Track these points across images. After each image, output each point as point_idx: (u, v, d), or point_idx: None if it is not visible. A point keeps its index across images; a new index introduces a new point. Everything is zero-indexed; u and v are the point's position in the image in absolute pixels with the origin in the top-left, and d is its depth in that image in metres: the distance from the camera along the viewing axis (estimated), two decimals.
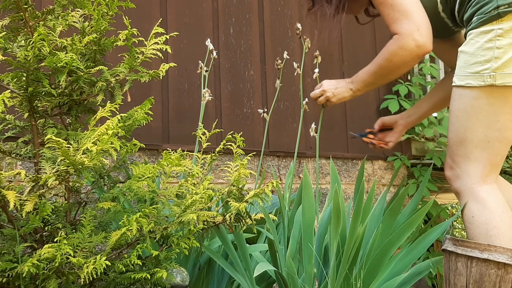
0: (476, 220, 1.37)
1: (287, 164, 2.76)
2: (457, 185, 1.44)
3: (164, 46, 1.41)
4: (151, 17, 2.42)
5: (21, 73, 1.26)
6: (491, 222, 1.35)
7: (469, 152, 1.40)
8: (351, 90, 1.63)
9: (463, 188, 1.42)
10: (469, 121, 1.39)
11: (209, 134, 1.75)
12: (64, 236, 1.08)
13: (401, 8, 1.43)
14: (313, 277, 1.51)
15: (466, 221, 1.39)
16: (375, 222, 1.63)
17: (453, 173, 1.45)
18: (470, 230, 1.39)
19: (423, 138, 3.18)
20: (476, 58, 1.36)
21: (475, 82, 1.36)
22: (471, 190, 1.39)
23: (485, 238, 1.34)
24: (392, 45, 1.46)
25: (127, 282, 1.31)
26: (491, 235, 1.34)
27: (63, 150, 1.08)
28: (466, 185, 1.41)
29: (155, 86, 2.40)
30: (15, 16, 1.33)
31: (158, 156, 2.37)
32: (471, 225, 1.38)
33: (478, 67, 1.36)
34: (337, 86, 1.66)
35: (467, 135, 1.39)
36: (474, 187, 1.39)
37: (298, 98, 2.80)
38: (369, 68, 1.58)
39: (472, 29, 1.39)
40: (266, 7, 2.80)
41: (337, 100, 1.67)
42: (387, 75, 1.54)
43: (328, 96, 1.67)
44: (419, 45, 1.42)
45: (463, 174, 1.41)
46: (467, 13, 1.43)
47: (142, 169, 1.34)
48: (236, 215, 1.37)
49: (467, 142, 1.40)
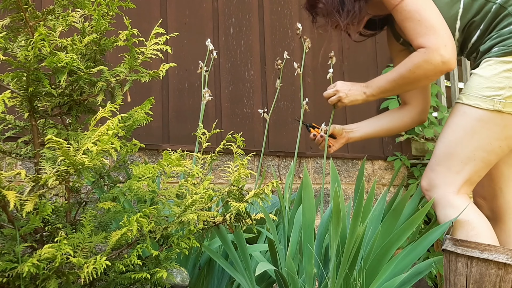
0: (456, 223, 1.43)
1: (287, 164, 2.76)
2: (431, 194, 1.51)
3: (164, 46, 1.41)
4: (151, 17, 2.42)
5: (21, 73, 1.26)
6: (469, 224, 1.42)
7: (453, 165, 1.47)
8: (364, 94, 1.64)
9: (438, 197, 1.48)
10: (464, 137, 1.47)
11: (209, 134, 1.75)
12: (64, 236, 1.08)
13: (428, 23, 1.46)
14: (313, 277, 1.51)
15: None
16: (375, 222, 1.63)
17: (430, 183, 1.52)
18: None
19: (423, 138, 3.18)
20: (491, 83, 1.44)
21: (484, 104, 1.44)
22: (446, 198, 1.47)
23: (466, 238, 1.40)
24: (417, 57, 1.49)
25: (127, 282, 1.31)
26: (472, 235, 1.40)
27: (63, 150, 1.08)
28: (441, 194, 1.48)
29: (155, 86, 2.41)
30: (15, 16, 1.33)
31: (158, 156, 2.37)
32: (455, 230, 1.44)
33: (490, 92, 1.44)
34: (351, 88, 1.67)
35: (457, 149, 1.47)
36: (449, 195, 1.47)
37: (298, 98, 2.80)
38: (388, 76, 1.60)
39: (491, 57, 1.46)
40: (266, 7, 2.80)
41: (349, 101, 1.67)
42: (406, 85, 1.58)
43: (341, 97, 1.67)
44: (444, 61, 1.46)
45: (440, 184, 1.49)
46: (484, 44, 1.51)
47: (142, 169, 1.34)
48: (236, 215, 1.37)
49: (454, 155, 1.47)
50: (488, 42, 1.50)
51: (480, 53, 1.53)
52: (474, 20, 1.53)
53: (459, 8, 1.52)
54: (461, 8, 1.52)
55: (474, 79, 1.49)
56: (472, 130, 1.46)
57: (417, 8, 1.47)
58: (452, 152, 1.48)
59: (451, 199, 1.46)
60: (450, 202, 1.46)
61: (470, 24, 1.54)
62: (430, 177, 1.52)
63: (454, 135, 1.48)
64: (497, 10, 1.48)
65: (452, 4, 1.52)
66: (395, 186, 3.10)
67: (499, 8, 1.48)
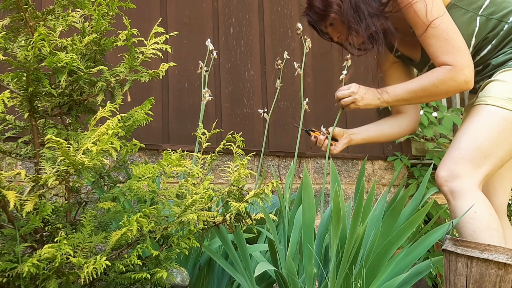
0: (480, 215, 1.46)
1: (287, 164, 2.76)
2: (454, 185, 1.52)
3: (164, 46, 1.41)
4: (151, 17, 2.42)
5: (21, 73, 1.26)
6: (491, 216, 1.46)
7: (476, 159, 1.52)
8: (378, 100, 1.66)
9: (462, 187, 1.50)
10: (490, 133, 1.53)
11: (209, 134, 1.75)
12: (64, 236, 1.08)
13: (455, 44, 1.54)
14: (313, 277, 1.51)
15: (466, 216, 1.46)
16: (375, 222, 1.62)
17: (451, 174, 1.53)
18: (471, 225, 1.47)
19: (423, 138, 3.18)
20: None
21: (510, 106, 1.53)
22: (472, 189, 1.50)
23: (488, 230, 1.44)
24: (442, 73, 1.56)
25: (127, 282, 1.31)
26: (493, 228, 1.45)
27: (63, 150, 1.08)
28: (466, 185, 1.50)
29: (155, 86, 2.40)
30: (15, 16, 1.33)
31: (158, 156, 2.37)
32: (473, 220, 1.46)
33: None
34: (366, 91, 1.69)
35: (483, 144, 1.52)
36: (472, 187, 1.50)
37: (298, 98, 2.80)
38: (408, 86, 1.63)
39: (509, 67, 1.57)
40: (266, 7, 2.80)
41: (363, 105, 1.69)
42: (424, 97, 1.64)
43: (356, 99, 1.68)
44: (467, 81, 1.55)
45: (465, 176, 1.51)
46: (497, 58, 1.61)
47: (142, 169, 1.34)
48: (236, 215, 1.37)
49: (479, 150, 1.52)
50: (502, 56, 1.61)
51: (491, 66, 1.63)
52: (487, 37, 1.62)
53: (476, 27, 1.62)
54: (477, 26, 1.62)
55: (497, 85, 1.57)
56: (498, 128, 1.52)
57: (445, 28, 1.54)
58: (478, 147, 1.52)
59: (475, 191, 1.49)
60: (476, 193, 1.49)
61: (483, 40, 1.63)
62: (452, 168, 1.53)
63: (480, 131, 1.54)
64: (509, 29, 1.60)
65: (469, 22, 1.62)
66: (395, 186, 3.10)
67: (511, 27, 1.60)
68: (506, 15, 1.61)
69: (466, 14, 1.61)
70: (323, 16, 1.68)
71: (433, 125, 3.09)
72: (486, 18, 1.61)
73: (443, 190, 1.55)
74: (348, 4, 1.63)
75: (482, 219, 1.45)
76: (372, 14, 1.61)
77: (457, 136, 1.59)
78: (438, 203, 3.14)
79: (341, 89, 1.71)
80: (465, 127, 1.58)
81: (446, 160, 1.57)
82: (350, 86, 1.70)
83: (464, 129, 1.58)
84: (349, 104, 1.70)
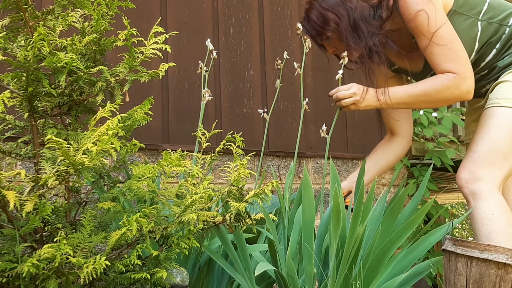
0: (497, 217, 1.48)
1: (287, 164, 2.76)
2: (475, 187, 1.54)
3: (163, 46, 1.41)
4: (150, 17, 2.42)
5: (21, 73, 1.26)
6: (509, 220, 1.48)
7: (496, 161, 1.54)
8: (378, 101, 1.65)
9: (482, 189, 1.52)
10: (506, 135, 1.55)
11: (209, 135, 1.75)
12: (64, 236, 1.08)
13: (459, 53, 1.56)
14: (313, 277, 1.51)
15: (484, 218, 1.48)
16: (375, 222, 1.62)
17: (472, 176, 1.55)
18: (487, 227, 1.48)
19: (423, 138, 3.18)
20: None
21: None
22: (492, 191, 1.52)
23: (503, 233, 1.46)
24: (447, 80, 1.57)
25: (127, 282, 1.31)
26: (509, 232, 1.46)
27: (63, 150, 1.08)
28: (486, 187, 1.52)
29: (155, 86, 2.40)
30: (15, 16, 1.33)
31: (158, 156, 2.37)
32: (490, 222, 1.48)
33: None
34: (366, 92, 1.66)
35: (501, 146, 1.54)
36: (494, 190, 1.52)
37: (298, 98, 2.80)
38: (410, 89, 1.63)
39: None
40: (266, 7, 2.80)
41: (364, 106, 1.67)
42: (425, 102, 1.63)
43: (357, 100, 1.65)
44: (468, 91, 1.57)
45: (485, 177, 1.53)
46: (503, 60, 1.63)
47: (142, 169, 1.34)
48: (236, 215, 1.37)
49: (497, 151, 1.54)
50: (508, 58, 1.63)
51: (498, 68, 1.65)
52: (490, 41, 1.64)
53: (478, 31, 1.64)
54: (479, 31, 1.64)
55: (508, 85, 1.59)
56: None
57: (448, 37, 1.56)
58: (496, 149, 1.54)
59: (496, 193, 1.51)
60: (495, 196, 1.50)
61: (487, 45, 1.65)
62: (473, 170, 1.55)
63: (497, 133, 1.55)
64: (511, 31, 1.62)
65: (471, 27, 1.63)
66: (395, 186, 3.10)
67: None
68: (505, 19, 1.63)
69: (468, 19, 1.62)
70: (319, 32, 1.68)
71: (433, 125, 3.10)
72: (487, 22, 1.63)
73: (463, 192, 1.56)
74: (346, 23, 1.62)
75: (499, 221, 1.47)
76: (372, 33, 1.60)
77: (474, 139, 1.61)
78: (438, 203, 3.14)
79: (340, 88, 1.67)
80: (482, 129, 1.59)
81: (466, 162, 1.58)
82: (351, 87, 1.67)
83: (481, 131, 1.59)
84: (349, 105, 1.67)
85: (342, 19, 1.62)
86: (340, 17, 1.62)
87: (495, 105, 1.58)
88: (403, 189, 1.59)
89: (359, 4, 1.63)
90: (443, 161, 3.00)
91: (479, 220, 1.48)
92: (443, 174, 3.21)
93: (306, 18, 1.71)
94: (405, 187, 3.04)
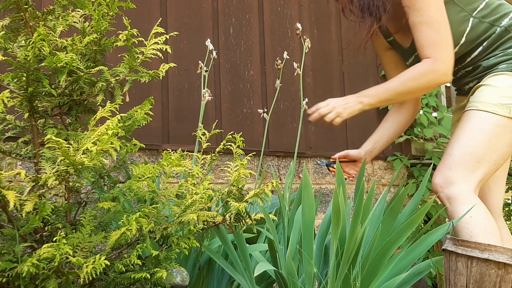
0: (475, 219, 1.48)
1: (287, 164, 2.76)
2: (450, 191, 1.54)
3: (164, 46, 1.41)
4: (151, 17, 2.42)
5: (21, 73, 1.26)
6: (488, 221, 1.48)
7: (470, 165, 1.55)
8: (360, 104, 1.64)
9: (457, 192, 1.53)
10: (482, 139, 1.55)
11: (209, 135, 1.75)
12: (64, 236, 1.08)
13: (444, 37, 1.56)
14: (313, 277, 1.51)
15: (462, 221, 1.49)
16: (375, 222, 1.62)
17: (446, 180, 1.56)
18: (467, 230, 1.49)
19: (423, 138, 3.18)
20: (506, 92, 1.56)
21: (501, 111, 1.55)
22: (466, 195, 1.52)
23: (484, 234, 1.46)
24: (423, 67, 1.57)
25: (127, 282, 1.31)
26: (489, 232, 1.47)
27: (63, 150, 1.08)
28: (461, 190, 1.53)
29: (155, 86, 2.41)
30: (15, 16, 1.33)
31: (158, 156, 2.37)
32: (469, 224, 1.48)
33: (506, 100, 1.55)
34: (345, 101, 1.65)
35: (475, 150, 1.55)
36: (468, 192, 1.53)
37: (298, 98, 2.80)
38: (389, 85, 1.63)
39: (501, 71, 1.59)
40: (266, 7, 2.81)
41: (347, 114, 1.65)
42: (406, 94, 1.64)
43: (339, 112, 1.63)
44: (446, 74, 1.56)
45: (459, 181, 1.54)
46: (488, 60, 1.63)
47: (142, 169, 1.34)
48: (236, 215, 1.37)
49: (472, 156, 1.54)
50: (493, 59, 1.62)
51: (482, 68, 1.64)
52: (477, 38, 1.64)
53: (467, 27, 1.63)
54: (469, 27, 1.63)
55: (488, 89, 1.58)
56: (489, 133, 1.54)
57: (439, 19, 1.55)
58: (470, 153, 1.54)
59: (470, 196, 1.51)
60: (469, 199, 1.51)
61: (473, 41, 1.65)
62: (447, 174, 1.56)
63: (472, 138, 1.56)
64: (501, 32, 1.62)
65: (463, 22, 1.63)
66: (395, 186, 3.10)
67: (503, 31, 1.62)
68: (498, 19, 1.63)
69: (461, 12, 1.62)
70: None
71: (433, 125, 3.10)
72: (479, 20, 1.63)
73: (439, 196, 1.57)
74: None
75: (478, 223, 1.47)
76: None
77: (450, 142, 1.61)
78: (438, 203, 3.14)
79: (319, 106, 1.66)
80: (458, 133, 1.60)
81: (440, 167, 1.59)
82: (328, 103, 1.66)
83: (457, 135, 1.59)
84: (334, 119, 1.65)
85: None
86: None
87: (473, 108, 1.59)
88: (403, 189, 1.59)
89: None
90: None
91: (459, 224, 1.49)
92: None
93: None
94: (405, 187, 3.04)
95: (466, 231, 1.48)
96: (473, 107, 1.59)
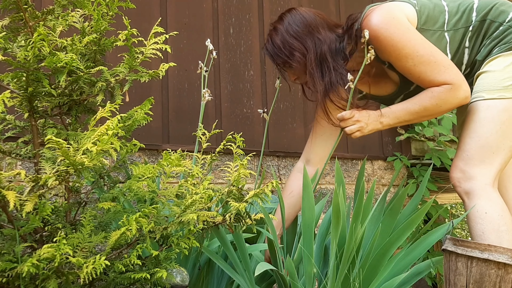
0: (490, 216, 1.47)
1: (287, 164, 2.76)
2: (468, 186, 1.53)
3: (163, 46, 1.41)
4: (151, 17, 2.42)
5: (21, 73, 1.26)
6: (502, 218, 1.46)
7: (486, 157, 1.53)
8: (381, 124, 1.61)
9: (475, 188, 1.51)
10: (493, 128, 1.53)
11: (209, 135, 1.75)
12: (64, 236, 1.08)
13: (445, 63, 1.54)
14: (313, 277, 1.51)
15: (477, 217, 1.48)
16: (375, 222, 1.62)
17: (464, 175, 1.54)
18: (480, 226, 1.48)
19: (423, 138, 3.18)
20: (507, 74, 1.54)
21: (508, 94, 1.52)
22: (484, 189, 1.50)
23: (497, 232, 1.45)
24: (444, 93, 1.54)
25: (127, 282, 1.31)
26: (503, 230, 1.45)
27: (63, 150, 1.08)
28: (479, 185, 1.51)
29: (155, 86, 2.40)
30: (15, 16, 1.33)
31: (158, 156, 2.37)
32: (483, 220, 1.47)
33: (509, 81, 1.53)
34: (369, 117, 1.60)
35: (488, 141, 1.53)
36: (487, 188, 1.51)
37: (298, 98, 2.80)
38: (409, 108, 1.59)
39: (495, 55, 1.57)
40: (266, 7, 2.80)
41: (368, 131, 1.62)
42: (426, 117, 1.62)
43: (362, 127, 1.60)
44: (466, 96, 1.55)
45: (477, 176, 1.52)
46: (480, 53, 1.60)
47: (142, 169, 1.34)
48: (236, 215, 1.37)
49: (486, 147, 1.53)
50: (484, 49, 1.60)
51: (478, 62, 1.62)
52: (460, 45, 1.63)
53: (447, 42, 1.63)
54: (448, 41, 1.63)
55: (488, 76, 1.57)
56: (500, 120, 1.52)
57: (429, 52, 1.54)
58: (484, 145, 1.53)
59: (489, 191, 1.50)
60: (488, 194, 1.50)
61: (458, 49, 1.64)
62: (465, 169, 1.54)
63: (483, 128, 1.54)
64: (477, 26, 1.61)
65: (440, 40, 1.62)
66: (395, 186, 3.10)
67: (479, 23, 1.61)
68: (468, 19, 1.61)
69: (435, 34, 1.61)
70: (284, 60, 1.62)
71: (433, 125, 3.10)
72: (454, 30, 1.62)
73: (458, 191, 1.55)
74: (313, 55, 1.57)
75: (491, 220, 1.46)
76: (336, 69, 1.57)
77: (462, 136, 1.59)
78: (438, 203, 3.14)
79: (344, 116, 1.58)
80: (468, 126, 1.58)
81: (456, 161, 1.57)
82: (353, 114, 1.59)
83: (468, 129, 1.58)
84: (354, 132, 1.60)
85: (309, 52, 1.58)
86: (307, 50, 1.58)
87: (478, 99, 1.57)
88: (403, 189, 1.59)
89: (327, 36, 1.59)
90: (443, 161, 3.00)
91: (473, 219, 1.48)
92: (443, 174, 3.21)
93: (271, 42, 1.65)
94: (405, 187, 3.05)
95: (479, 227, 1.47)
96: (478, 98, 1.57)
